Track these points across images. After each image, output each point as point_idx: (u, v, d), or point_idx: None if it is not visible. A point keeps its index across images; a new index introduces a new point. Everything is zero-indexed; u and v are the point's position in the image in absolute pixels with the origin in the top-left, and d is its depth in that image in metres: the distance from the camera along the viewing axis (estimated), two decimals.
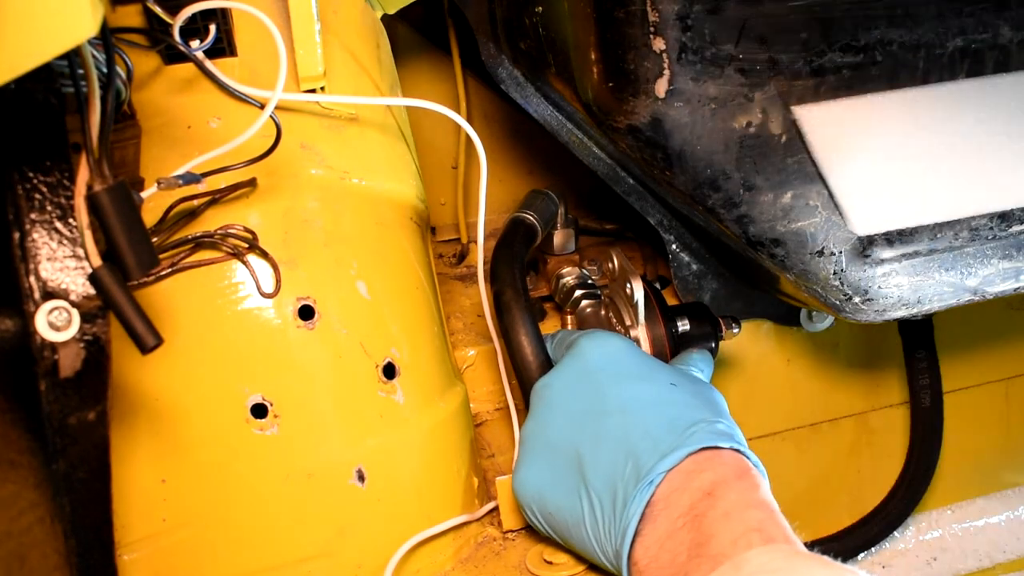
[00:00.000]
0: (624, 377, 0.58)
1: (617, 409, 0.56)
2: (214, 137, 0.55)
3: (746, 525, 0.46)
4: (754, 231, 0.61)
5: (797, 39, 0.57)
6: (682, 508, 0.49)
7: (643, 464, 0.51)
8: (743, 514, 0.47)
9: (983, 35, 0.60)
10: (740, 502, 0.48)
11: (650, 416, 0.54)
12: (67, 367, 0.41)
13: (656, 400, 0.56)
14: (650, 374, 0.59)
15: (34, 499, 0.41)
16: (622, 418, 0.55)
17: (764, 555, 0.43)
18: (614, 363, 0.60)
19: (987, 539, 0.99)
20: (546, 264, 0.87)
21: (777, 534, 0.45)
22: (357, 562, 0.57)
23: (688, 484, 0.49)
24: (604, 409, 0.56)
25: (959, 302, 0.62)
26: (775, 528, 0.46)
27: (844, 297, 0.61)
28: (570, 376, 0.60)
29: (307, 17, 0.56)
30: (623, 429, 0.54)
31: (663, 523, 0.49)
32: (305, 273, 0.57)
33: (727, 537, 0.45)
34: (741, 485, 0.49)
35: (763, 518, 0.46)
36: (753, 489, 0.49)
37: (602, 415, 0.56)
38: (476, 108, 0.92)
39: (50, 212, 0.40)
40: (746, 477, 0.50)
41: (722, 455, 0.51)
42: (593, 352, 0.60)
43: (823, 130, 0.60)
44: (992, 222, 0.62)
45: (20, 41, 0.33)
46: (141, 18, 0.53)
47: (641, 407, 0.55)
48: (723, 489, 0.48)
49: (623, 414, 0.55)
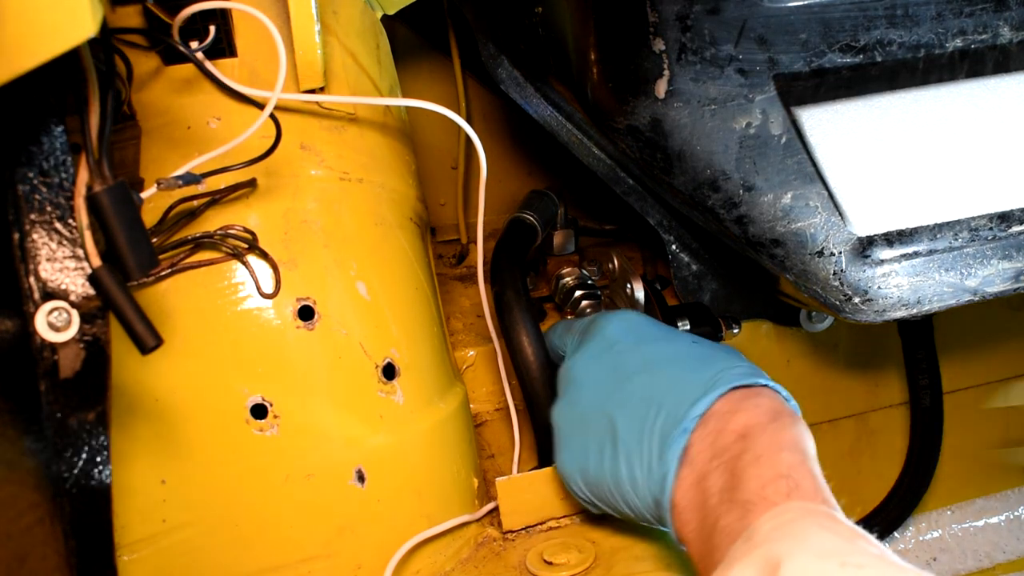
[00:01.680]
0: (644, 340, 0.59)
1: (641, 369, 0.56)
2: (214, 137, 0.55)
3: (775, 470, 0.46)
4: (754, 232, 0.61)
5: (797, 39, 0.57)
6: (716, 450, 0.49)
7: (674, 413, 0.52)
8: (774, 458, 0.47)
9: (983, 36, 0.60)
10: (772, 444, 0.48)
11: (675, 370, 0.55)
12: (67, 368, 0.41)
13: (678, 355, 0.57)
14: (669, 334, 0.60)
15: (34, 500, 0.41)
16: (648, 376, 0.56)
17: (774, 519, 0.43)
18: (632, 331, 0.61)
19: (987, 539, 0.99)
20: (546, 265, 0.87)
21: (804, 480, 0.45)
22: (357, 562, 0.57)
23: (723, 426, 0.50)
24: (628, 373, 0.57)
25: (959, 302, 0.62)
26: (803, 474, 0.46)
27: (844, 297, 0.61)
28: (592, 352, 0.61)
29: (307, 17, 0.56)
30: (649, 386, 0.55)
31: (699, 465, 0.49)
32: (305, 273, 0.57)
33: (755, 483, 0.46)
34: (774, 427, 0.49)
35: (793, 462, 0.46)
36: (785, 429, 0.49)
37: (627, 379, 0.56)
38: (476, 108, 0.92)
39: (50, 212, 0.40)
40: (779, 418, 0.50)
41: (755, 395, 0.52)
42: (610, 325, 0.62)
43: (823, 130, 0.60)
44: (992, 222, 0.62)
45: (20, 41, 0.33)
46: (141, 18, 0.53)
47: (665, 363, 0.56)
48: (756, 431, 0.49)
49: (648, 373, 0.56)
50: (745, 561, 0.40)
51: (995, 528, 1.00)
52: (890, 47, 0.58)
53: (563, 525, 0.64)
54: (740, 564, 0.40)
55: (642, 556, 0.59)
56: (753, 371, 0.54)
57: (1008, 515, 1.00)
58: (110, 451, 0.43)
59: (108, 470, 0.43)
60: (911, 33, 0.58)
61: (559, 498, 0.64)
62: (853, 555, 0.38)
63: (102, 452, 0.43)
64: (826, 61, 0.58)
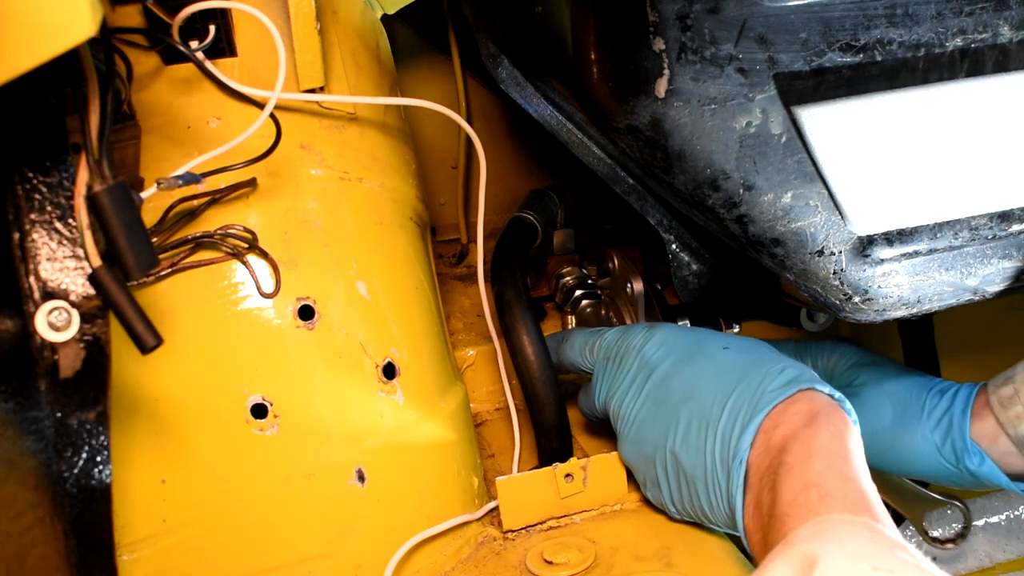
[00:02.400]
0: (681, 361, 0.61)
1: (687, 397, 0.58)
2: (214, 137, 0.55)
3: (805, 480, 0.47)
4: (754, 231, 0.61)
5: (797, 39, 0.57)
6: (763, 470, 0.51)
7: (728, 441, 0.53)
8: (804, 467, 0.48)
9: (983, 35, 0.60)
10: (803, 453, 0.49)
11: (719, 391, 0.56)
12: (67, 367, 0.41)
13: (718, 372, 0.58)
14: (701, 347, 0.61)
15: (34, 499, 0.41)
16: (695, 404, 0.57)
17: (812, 527, 0.44)
18: (667, 352, 0.63)
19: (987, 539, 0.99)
20: (546, 264, 0.87)
21: (835, 486, 0.46)
22: (357, 562, 0.57)
23: (768, 443, 0.51)
24: (675, 406, 0.58)
25: (959, 302, 0.62)
26: (833, 479, 0.46)
27: (844, 297, 0.61)
28: (635, 386, 0.63)
29: (307, 17, 0.56)
30: (699, 416, 0.56)
31: (754, 488, 0.51)
32: (305, 273, 0.57)
33: (788, 495, 0.47)
34: (806, 433, 0.50)
35: (822, 468, 0.47)
36: (816, 434, 0.50)
37: (675, 412, 0.58)
38: (476, 108, 0.92)
39: (50, 212, 0.40)
40: (813, 422, 0.51)
41: (793, 404, 0.53)
42: (646, 348, 0.64)
43: (823, 130, 0.60)
44: (992, 222, 0.62)
45: (19, 41, 0.33)
46: (141, 18, 0.53)
47: (707, 384, 0.57)
48: (791, 442, 0.50)
49: (694, 400, 0.57)
50: (782, 557, 0.41)
51: (995, 528, 1.00)
52: (890, 46, 0.58)
53: (563, 525, 0.64)
54: (777, 560, 0.41)
55: (642, 556, 0.59)
56: (792, 375, 0.55)
57: (1008, 515, 1.00)
58: (110, 451, 0.43)
59: (108, 470, 0.43)
60: (911, 32, 0.58)
61: (559, 498, 0.64)
62: (886, 560, 0.39)
63: (102, 452, 0.43)
64: (826, 60, 0.58)
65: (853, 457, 0.48)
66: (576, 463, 0.64)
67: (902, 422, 0.70)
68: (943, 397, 0.69)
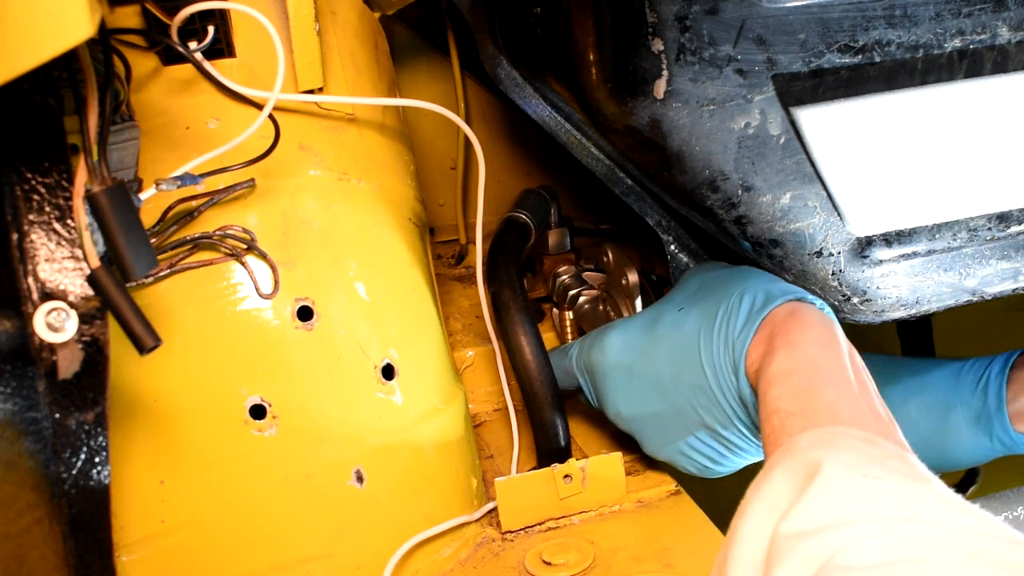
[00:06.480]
0: (646, 358, 0.64)
1: (671, 381, 0.62)
2: (213, 138, 0.55)
3: (768, 408, 0.51)
4: (752, 232, 0.61)
5: (795, 40, 0.57)
6: None
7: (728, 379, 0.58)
8: (765, 396, 0.51)
9: (981, 36, 0.60)
10: (764, 383, 0.52)
11: (691, 372, 0.60)
12: (65, 368, 0.41)
13: (686, 346, 0.61)
14: (653, 328, 0.64)
15: (32, 500, 0.41)
16: (675, 388, 0.61)
17: (812, 436, 0.46)
18: (626, 352, 0.65)
19: None
20: (542, 265, 0.87)
21: (792, 406, 0.49)
22: (356, 563, 0.57)
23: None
24: (655, 387, 0.63)
25: (958, 303, 0.62)
26: (789, 401, 0.50)
27: (842, 298, 0.61)
28: (618, 379, 0.66)
29: (306, 18, 0.56)
30: (680, 402, 0.61)
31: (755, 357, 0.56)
32: (304, 274, 0.57)
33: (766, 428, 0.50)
34: (764, 362, 0.54)
35: (781, 395, 0.50)
36: (772, 361, 0.53)
37: (657, 395, 0.63)
38: (474, 109, 0.92)
39: (48, 213, 0.40)
40: (771, 349, 0.54)
41: (759, 335, 0.56)
42: (606, 353, 0.67)
43: (821, 131, 0.60)
44: (991, 222, 0.62)
45: (18, 42, 0.33)
46: (139, 19, 0.53)
47: (678, 371, 0.61)
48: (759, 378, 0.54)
49: (676, 383, 0.61)
50: (785, 463, 0.43)
51: None
52: (889, 47, 0.58)
53: (562, 525, 0.64)
54: (781, 467, 0.43)
55: (641, 557, 0.59)
56: (747, 309, 0.58)
57: (1008, 515, 0.99)
58: (109, 451, 0.43)
59: (107, 470, 0.43)
60: (909, 33, 0.58)
61: (558, 499, 0.64)
62: (875, 468, 0.41)
63: (101, 452, 0.43)
64: (825, 61, 0.58)
65: (820, 368, 0.51)
66: (575, 464, 0.64)
67: (943, 430, 0.72)
68: (975, 392, 0.70)
